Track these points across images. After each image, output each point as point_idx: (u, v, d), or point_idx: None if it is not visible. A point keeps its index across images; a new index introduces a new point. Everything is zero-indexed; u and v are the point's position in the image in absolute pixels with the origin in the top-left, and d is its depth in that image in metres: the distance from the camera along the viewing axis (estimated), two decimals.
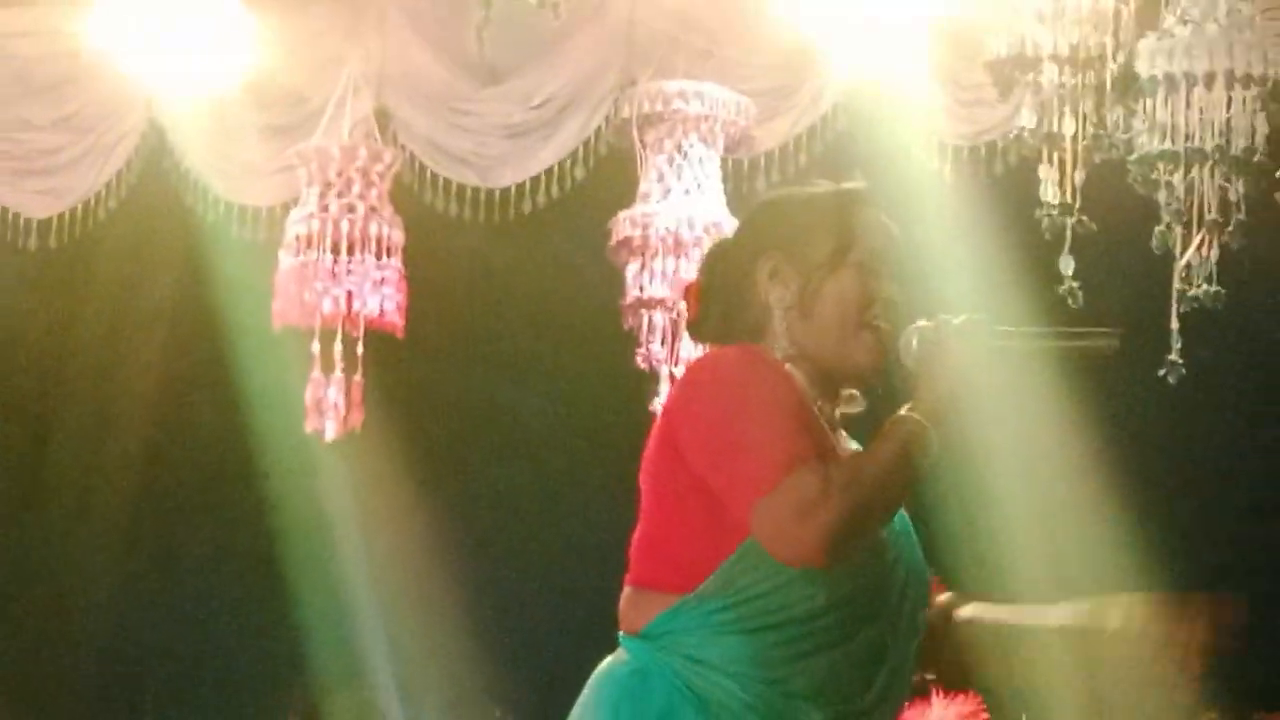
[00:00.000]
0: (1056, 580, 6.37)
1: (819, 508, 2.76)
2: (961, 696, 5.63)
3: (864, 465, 2.94)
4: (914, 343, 2.89)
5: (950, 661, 3.49)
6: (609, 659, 3.11)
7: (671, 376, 6.09)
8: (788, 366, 2.90)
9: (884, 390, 3.00)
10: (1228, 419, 6.61)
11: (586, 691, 3.11)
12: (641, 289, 5.96)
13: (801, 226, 3.05)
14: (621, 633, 3.05)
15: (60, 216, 6.63)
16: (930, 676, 6.44)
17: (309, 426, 6.27)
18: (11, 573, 9.09)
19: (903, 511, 2.99)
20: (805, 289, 2.90)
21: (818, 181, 4.13)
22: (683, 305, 4.28)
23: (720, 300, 2.98)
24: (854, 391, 2.94)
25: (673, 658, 2.88)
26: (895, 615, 2.94)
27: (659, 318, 6.15)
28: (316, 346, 6.18)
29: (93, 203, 6.56)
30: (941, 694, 5.59)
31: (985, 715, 5.24)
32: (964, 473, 5.42)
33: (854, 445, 3.06)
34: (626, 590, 3.05)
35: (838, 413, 2.98)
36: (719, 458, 2.89)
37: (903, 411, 2.81)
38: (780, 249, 2.95)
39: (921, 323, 2.86)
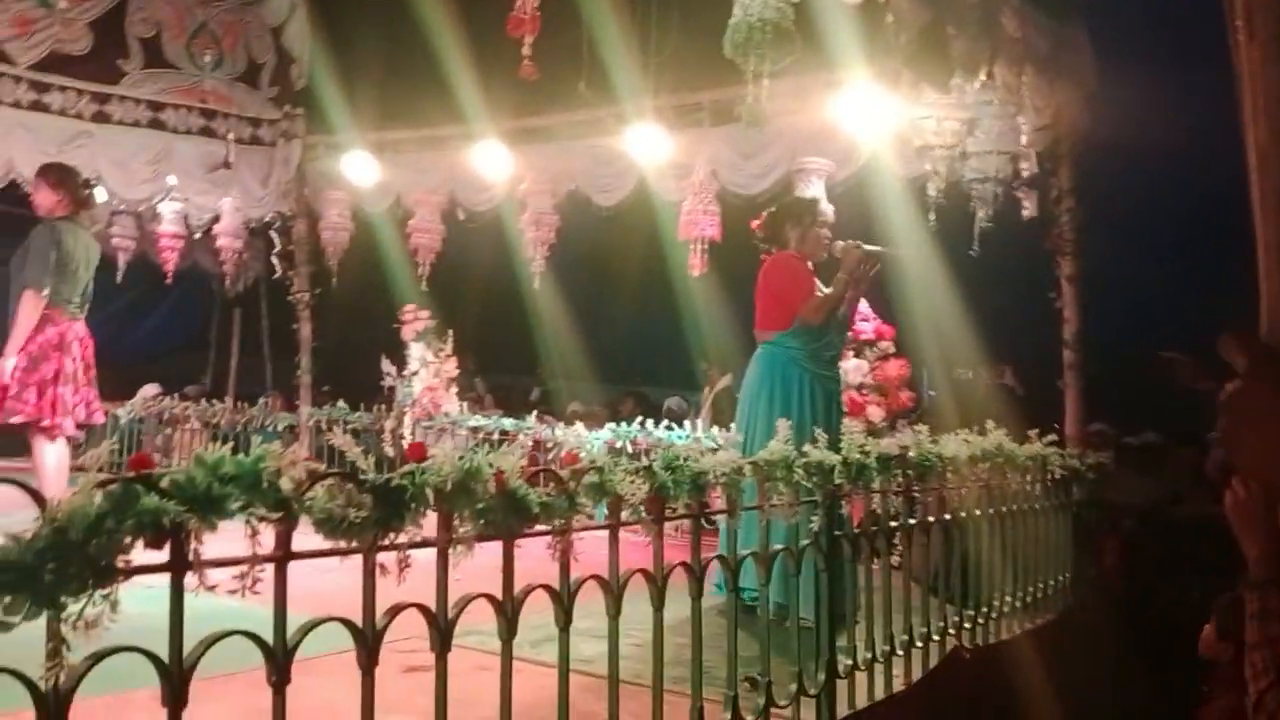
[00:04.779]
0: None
1: (818, 309, 4.37)
2: None
3: (829, 295, 4.40)
4: (839, 247, 4.53)
5: None
6: (758, 349, 4.53)
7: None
8: (799, 259, 4.51)
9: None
10: (997, 267, 6.27)
11: (752, 359, 4.54)
12: None
13: (797, 210, 4.73)
14: (760, 343, 4.50)
15: (613, 206, 7.37)
16: None
17: (690, 270, 7.02)
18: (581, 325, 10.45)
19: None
20: (802, 233, 4.55)
21: (806, 195, 5.65)
22: None
23: (770, 232, 4.64)
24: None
25: (779, 348, 4.33)
26: (835, 335, 4.54)
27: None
28: (691, 245, 6.92)
29: (621, 199, 7.33)
30: None
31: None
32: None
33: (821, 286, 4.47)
34: (757, 331, 4.50)
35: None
36: (787, 290, 4.37)
37: (839, 275, 4.45)
38: (790, 218, 4.62)
39: (839, 241, 4.54)
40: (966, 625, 3.74)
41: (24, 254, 5.04)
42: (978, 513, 3.89)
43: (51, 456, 5.02)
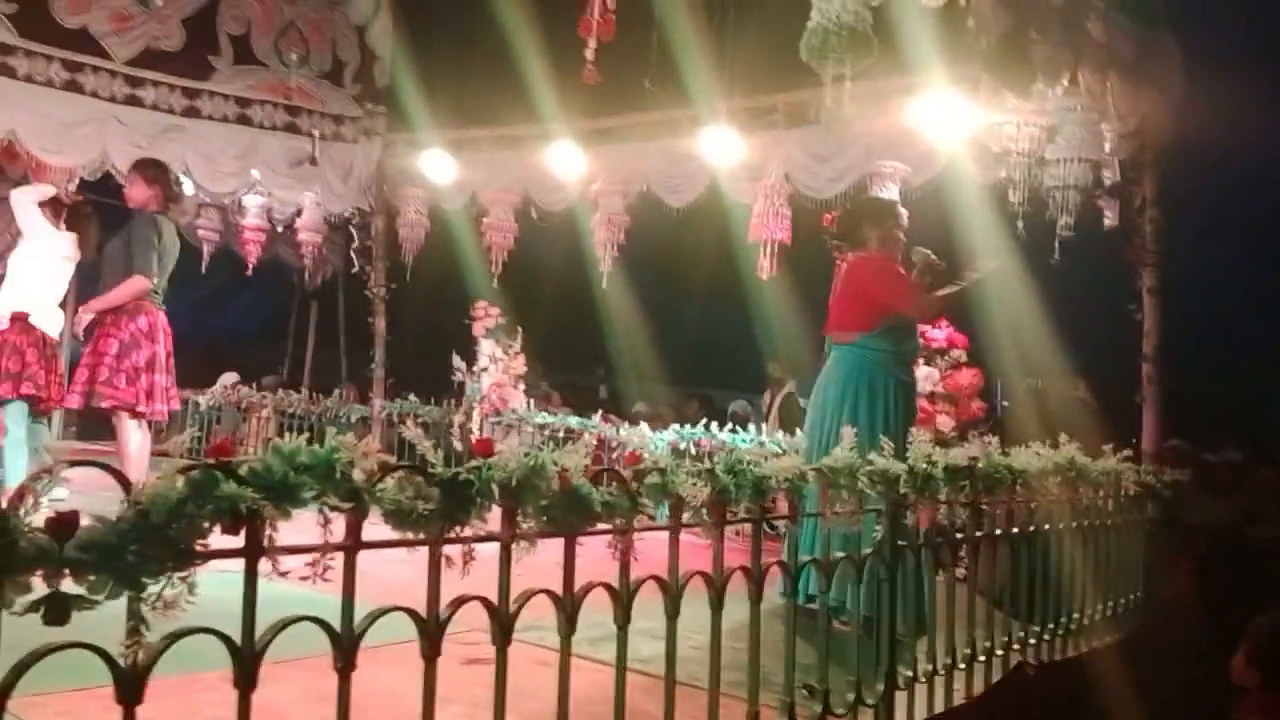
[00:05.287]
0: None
1: (938, 303, 4.32)
2: None
3: (932, 297, 4.32)
4: (919, 253, 4.37)
5: None
6: (835, 352, 4.35)
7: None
8: (891, 259, 4.39)
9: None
10: (1075, 277, 6.01)
11: (829, 362, 4.36)
12: None
13: (878, 211, 4.63)
14: (835, 345, 4.33)
15: (684, 207, 7.37)
16: None
17: (759, 273, 6.92)
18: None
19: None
20: (883, 234, 4.41)
21: (884, 196, 5.63)
22: None
23: (845, 230, 4.55)
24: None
25: (866, 350, 4.25)
26: (917, 337, 4.52)
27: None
28: (762, 247, 6.83)
29: (692, 200, 7.30)
30: None
31: None
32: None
33: None
34: (835, 333, 4.31)
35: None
36: (882, 290, 4.28)
37: (959, 282, 4.27)
38: (870, 219, 4.50)
39: (920, 249, 4.36)
40: (1032, 641, 3.66)
41: (124, 243, 5.22)
42: (1047, 527, 3.80)
43: (135, 440, 5.21)
